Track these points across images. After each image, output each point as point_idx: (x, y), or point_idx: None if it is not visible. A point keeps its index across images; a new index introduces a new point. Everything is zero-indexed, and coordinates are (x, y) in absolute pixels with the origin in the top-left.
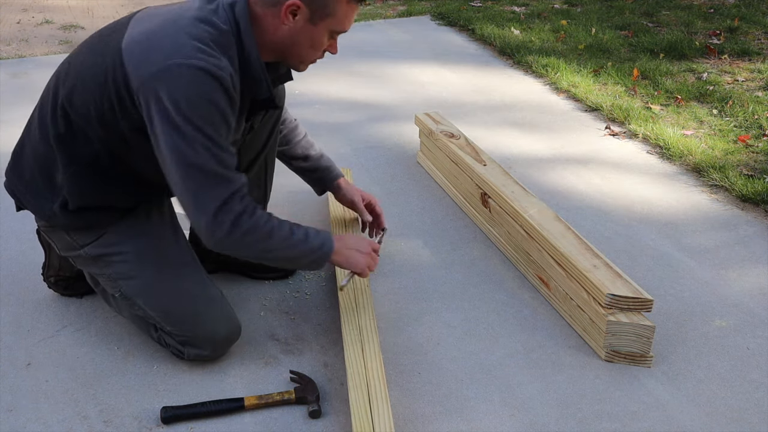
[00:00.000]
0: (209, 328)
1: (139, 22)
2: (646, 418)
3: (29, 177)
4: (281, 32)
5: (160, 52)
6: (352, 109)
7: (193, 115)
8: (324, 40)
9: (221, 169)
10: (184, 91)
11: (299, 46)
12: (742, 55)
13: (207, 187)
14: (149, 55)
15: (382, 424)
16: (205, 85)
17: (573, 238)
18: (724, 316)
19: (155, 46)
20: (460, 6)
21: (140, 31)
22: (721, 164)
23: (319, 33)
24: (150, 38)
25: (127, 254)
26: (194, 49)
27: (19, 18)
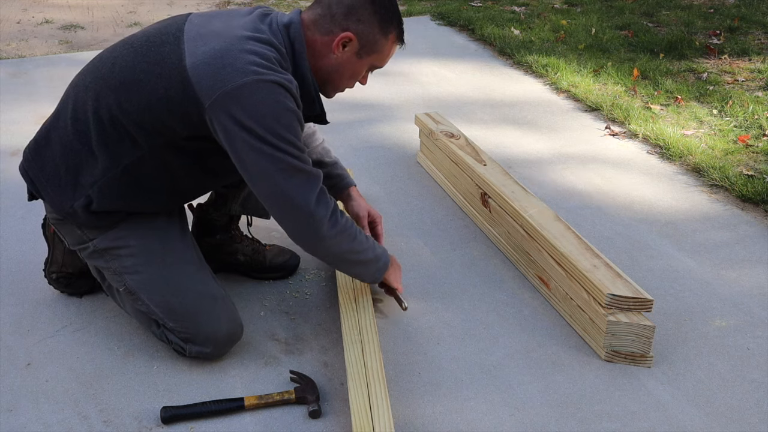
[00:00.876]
0: (211, 326)
1: (198, 38)
2: (646, 418)
3: (52, 170)
4: (329, 60)
5: (231, 73)
6: (352, 109)
7: (275, 124)
8: (361, 72)
9: (308, 167)
10: (262, 105)
11: (340, 75)
12: (742, 55)
13: (302, 185)
14: (219, 76)
15: (382, 424)
16: (280, 95)
17: (573, 238)
18: (724, 316)
19: (224, 66)
20: (460, 6)
21: (204, 51)
22: (721, 164)
23: (362, 66)
24: (217, 58)
25: (134, 248)
26: (263, 67)
27: (19, 18)
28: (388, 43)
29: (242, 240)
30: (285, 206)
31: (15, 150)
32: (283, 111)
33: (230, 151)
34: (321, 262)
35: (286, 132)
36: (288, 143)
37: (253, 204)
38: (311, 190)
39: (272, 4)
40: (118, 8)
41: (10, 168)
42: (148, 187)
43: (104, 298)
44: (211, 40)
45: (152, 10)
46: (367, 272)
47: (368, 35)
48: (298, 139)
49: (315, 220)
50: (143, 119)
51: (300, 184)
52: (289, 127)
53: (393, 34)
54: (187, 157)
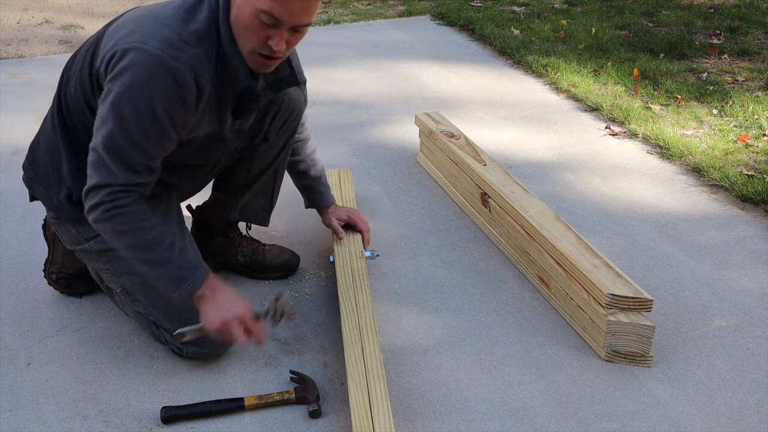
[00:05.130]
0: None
1: (130, 13)
2: (646, 418)
3: (42, 169)
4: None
5: (127, 36)
6: (352, 109)
7: (127, 103)
8: (253, 20)
9: (117, 163)
10: (130, 77)
11: (238, 28)
12: (742, 55)
13: (94, 167)
14: (118, 38)
15: (382, 424)
16: (152, 75)
17: (573, 238)
18: (724, 316)
19: (128, 31)
20: (460, 6)
21: (125, 18)
22: (721, 164)
23: (249, 10)
24: (128, 24)
25: None
26: (159, 39)
27: (19, 18)
28: None
29: (241, 241)
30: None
31: (15, 150)
32: (145, 93)
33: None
34: (321, 262)
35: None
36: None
37: (252, 211)
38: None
39: None
40: (118, 8)
41: (11, 168)
42: None
43: (104, 298)
44: (135, 12)
45: None
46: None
47: None
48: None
49: (84, 197)
50: (82, 103)
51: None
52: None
53: None
54: None
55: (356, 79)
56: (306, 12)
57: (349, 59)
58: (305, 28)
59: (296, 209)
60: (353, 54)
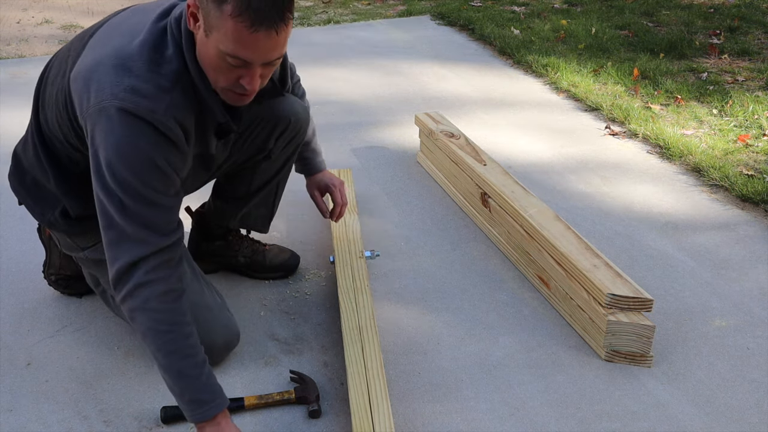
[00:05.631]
0: (206, 338)
1: (94, 46)
2: (646, 418)
3: (30, 183)
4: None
5: (96, 91)
6: (352, 108)
7: (119, 167)
8: (220, 62)
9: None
10: (113, 140)
11: (205, 65)
12: (742, 55)
13: (116, 246)
14: (87, 92)
15: (382, 424)
16: (135, 131)
17: (573, 238)
18: (724, 316)
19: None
20: (460, 6)
21: (88, 60)
22: (721, 164)
23: (212, 48)
24: (91, 71)
25: None
26: (130, 91)
27: (19, 18)
28: (223, 18)
29: (241, 242)
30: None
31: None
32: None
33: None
34: (321, 262)
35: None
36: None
37: (252, 220)
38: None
39: None
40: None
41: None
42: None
43: None
44: (101, 47)
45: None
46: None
47: (204, 3)
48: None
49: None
50: (60, 134)
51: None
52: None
53: (229, 6)
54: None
55: (356, 79)
56: (275, 48)
57: (349, 59)
58: (278, 60)
59: (296, 209)
60: (353, 54)
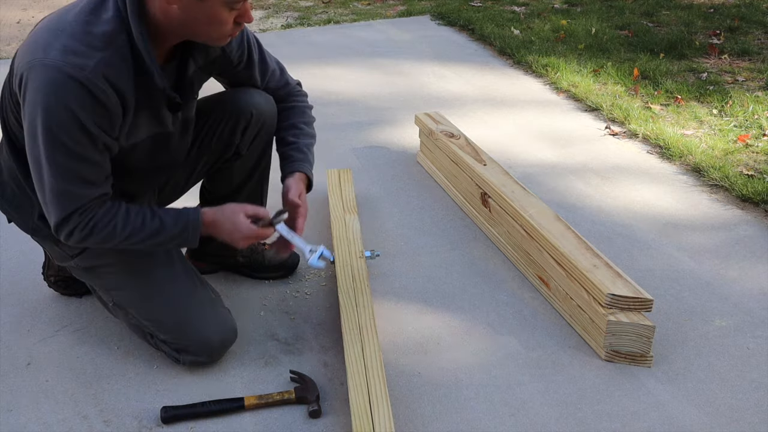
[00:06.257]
0: (202, 336)
1: (40, 24)
2: (646, 418)
3: (10, 192)
4: (173, 14)
5: (31, 52)
6: (352, 109)
7: (49, 124)
8: (223, 14)
9: (64, 185)
10: (41, 97)
11: (199, 25)
12: (742, 55)
13: (52, 203)
14: (23, 56)
15: (382, 424)
16: (62, 89)
17: (573, 238)
18: (724, 316)
19: (31, 45)
20: (460, 6)
21: (32, 32)
22: (721, 164)
23: (212, 8)
24: (32, 38)
25: (115, 266)
26: (61, 49)
27: (19, 18)
28: None
29: None
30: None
31: None
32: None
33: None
34: None
35: (58, 133)
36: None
37: None
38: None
39: (271, 4)
40: None
41: None
42: None
43: None
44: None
45: None
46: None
47: None
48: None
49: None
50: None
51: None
52: (61, 128)
53: None
54: None
55: (356, 79)
56: None
57: (349, 59)
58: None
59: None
60: (353, 54)
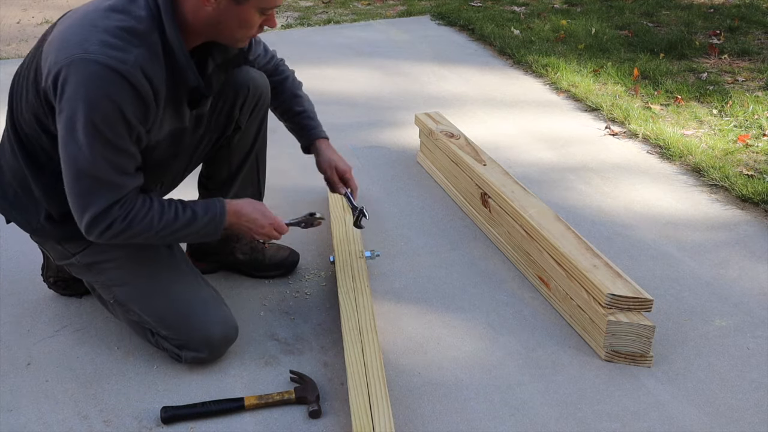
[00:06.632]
0: (204, 331)
1: (61, 22)
2: (646, 418)
3: (12, 194)
4: (205, 14)
5: (65, 50)
6: (352, 109)
7: (90, 116)
8: (254, 18)
9: (109, 175)
10: (83, 91)
11: (228, 27)
12: (742, 55)
13: (91, 194)
14: (57, 52)
15: (382, 424)
16: (104, 81)
17: (573, 238)
18: (724, 316)
19: (63, 42)
20: (460, 6)
21: (58, 30)
22: (721, 164)
23: (246, 12)
24: (61, 35)
25: (118, 261)
26: (99, 44)
27: (19, 18)
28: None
29: (240, 239)
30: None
31: None
32: (100, 100)
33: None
34: (321, 262)
35: (100, 124)
36: (95, 138)
37: None
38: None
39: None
40: None
41: None
42: None
43: None
44: (69, 18)
45: None
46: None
47: None
48: (115, 134)
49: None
50: (34, 124)
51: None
52: (104, 119)
53: None
54: None
55: (356, 79)
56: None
57: (349, 59)
58: None
59: (295, 209)
60: (353, 54)
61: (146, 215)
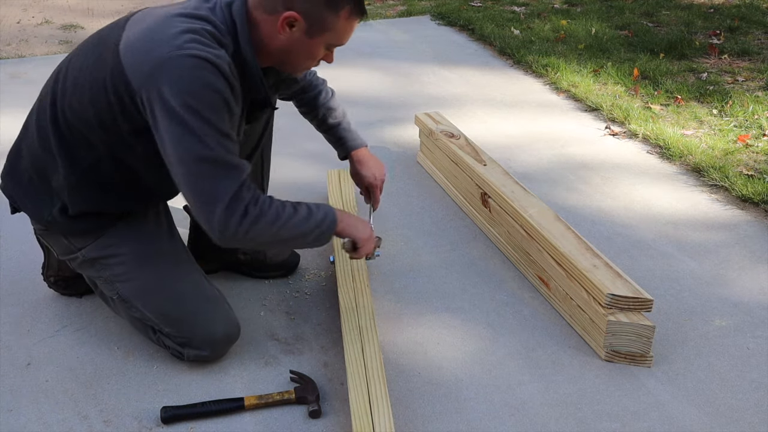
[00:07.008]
0: (207, 329)
1: (136, 23)
2: (646, 418)
3: (27, 182)
4: (277, 41)
5: (156, 49)
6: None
7: (197, 105)
8: (320, 52)
9: (230, 157)
10: (185, 83)
11: (295, 56)
12: (742, 55)
13: (218, 179)
14: (146, 53)
15: (382, 424)
16: (205, 71)
17: (573, 238)
18: (724, 316)
19: (151, 43)
20: (460, 6)
21: (136, 31)
22: (721, 164)
23: (315, 46)
24: (146, 36)
25: (124, 256)
26: (190, 41)
27: (19, 18)
28: (339, 20)
29: None
30: (193, 197)
31: None
32: (204, 89)
33: (154, 130)
34: (321, 262)
35: (207, 112)
36: (207, 123)
37: None
38: (225, 181)
39: None
40: (118, 8)
41: None
42: (114, 187)
43: None
44: (145, 22)
45: None
46: (306, 241)
47: (315, 14)
48: (221, 121)
49: (224, 215)
50: (90, 117)
51: (211, 176)
52: (211, 106)
53: (345, 9)
54: (141, 155)
55: (356, 79)
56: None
57: (349, 59)
58: None
59: None
60: (353, 54)
61: (271, 203)
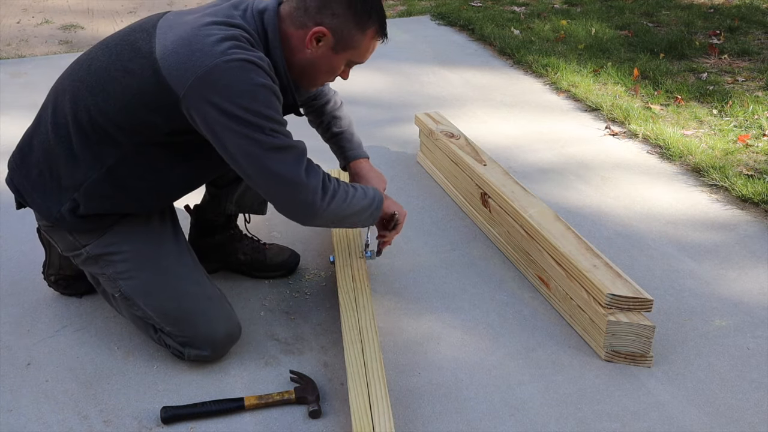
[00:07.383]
0: (208, 328)
1: (169, 30)
2: (646, 418)
3: (36, 177)
4: (302, 55)
5: (200, 57)
6: (351, 109)
7: (251, 103)
8: (340, 68)
9: (291, 141)
10: (236, 85)
11: (317, 70)
12: (742, 55)
13: (288, 164)
14: (189, 62)
15: (382, 424)
16: (252, 72)
17: (573, 238)
18: (724, 316)
19: (192, 52)
20: (460, 6)
21: (173, 39)
22: (721, 164)
23: (339, 62)
24: (185, 45)
25: (127, 254)
26: (232, 47)
27: (19, 18)
28: (365, 39)
29: (242, 239)
30: (275, 185)
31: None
32: (257, 88)
33: (211, 138)
34: (321, 262)
35: (265, 108)
36: (267, 119)
37: (248, 201)
38: (298, 165)
39: None
40: (118, 8)
41: None
42: (134, 187)
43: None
44: (179, 29)
45: (153, 10)
46: (361, 220)
47: (343, 30)
48: (278, 113)
49: (308, 194)
50: (121, 118)
51: (286, 160)
52: (266, 102)
53: (372, 29)
54: (171, 154)
55: (356, 79)
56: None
57: None
58: None
59: None
60: None
61: (332, 179)
